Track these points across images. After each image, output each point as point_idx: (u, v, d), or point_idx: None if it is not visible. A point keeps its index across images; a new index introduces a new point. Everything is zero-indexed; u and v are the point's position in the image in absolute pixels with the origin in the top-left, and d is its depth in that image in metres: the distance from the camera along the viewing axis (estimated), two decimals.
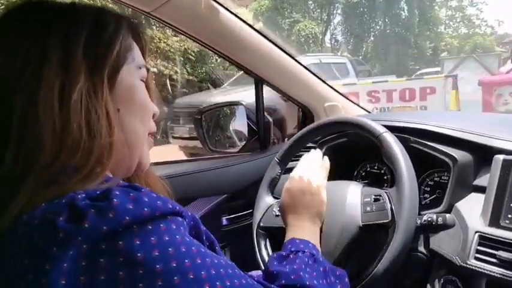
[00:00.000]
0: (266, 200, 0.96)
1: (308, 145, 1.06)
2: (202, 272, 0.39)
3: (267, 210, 0.93)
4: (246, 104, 1.37)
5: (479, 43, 26.49)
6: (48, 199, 0.38)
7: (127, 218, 0.37)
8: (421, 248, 0.84)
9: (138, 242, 0.36)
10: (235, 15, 1.05)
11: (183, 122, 5.48)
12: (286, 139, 1.41)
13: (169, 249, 0.38)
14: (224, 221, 1.22)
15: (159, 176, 0.63)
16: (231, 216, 1.24)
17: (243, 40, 1.10)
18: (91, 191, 0.40)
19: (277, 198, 0.92)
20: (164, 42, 8.61)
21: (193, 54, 9.15)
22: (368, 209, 0.78)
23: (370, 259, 0.73)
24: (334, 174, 0.89)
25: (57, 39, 0.45)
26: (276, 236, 0.85)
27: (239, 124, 1.41)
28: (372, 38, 26.87)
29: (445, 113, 1.30)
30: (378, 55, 26.07)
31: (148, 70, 0.56)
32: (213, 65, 9.94)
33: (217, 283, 0.40)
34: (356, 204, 0.80)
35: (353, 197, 0.81)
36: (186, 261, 0.39)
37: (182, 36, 1.12)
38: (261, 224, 0.93)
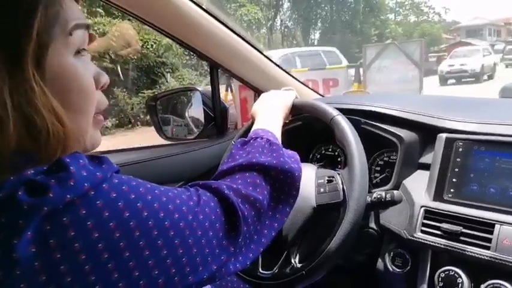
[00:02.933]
0: None
1: None
2: (157, 204, 0.43)
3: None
4: (201, 89, 1.35)
5: (427, 30, 27.60)
6: None
7: (86, 184, 0.38)
8: (372, 224, 0.87)
9: (99, 202, 0.38)
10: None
11: None
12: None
13: (132, 196, 0.41)
14: None
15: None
16: None
17: (197, 24, 1.08)
18: (38, 167, 0.38)
19: None
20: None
21: None
22: (322, 190, 0.81)
23: (324, 238, 0.75)
24: None
25: None
26: None
27: (195, 110, 1.39)
28: (320, 25, 27.17)
29: (395, 95, 1.36)
30: (324, 42, 26.32)
31: (88, 27, 0.47)
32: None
33: (169, 206, 0.44)
34: (310, 186, 0.82)
35: (307, 179, 0.83)
36: (149, 197, 0.42)
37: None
38: None
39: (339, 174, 0.82)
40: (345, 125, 0.80)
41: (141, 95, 9.58)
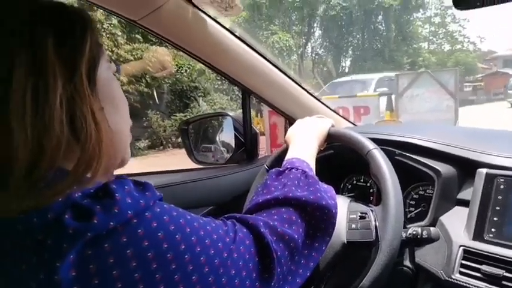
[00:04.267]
0: None
1: None
2: (195, 237, 0.43)
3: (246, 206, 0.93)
4: (233, 115, 1.37)
5: (461, 59, 26.94)
6: (40, 202, 0.38)
7: (129, 212, 0.38)
8: (407, 262, 0.83)
9: (140, 231, 0.38)
10: (223, 26, 1.06)
11: None
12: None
13: (172, 227, 0.41)
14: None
15: None
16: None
17: (231, 51, 1.10)
18: (85, 189, 0.40)
19: None
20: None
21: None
22: (353, 226, 0.78)
23: (354, 275, 0.72)
24: None
25: (22, 40, 0.41)
26: None
27: (226, 135, 1.40)
28: (350, 52, 27.00)
29: (430, 126, 1.31)
30: (355, 69, 25.99)
31: (116, 63, 0.54)
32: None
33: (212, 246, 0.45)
34: (341, 220, 0.79)
35: (339, 212, 0.80)
36: (188, 229, 0.42)
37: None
38: None
39: (372, 210, 0.79)
40: (381, 159, 0.77)
41: (173, 117, 9.86)
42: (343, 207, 0.82)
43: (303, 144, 0.80)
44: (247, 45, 1.13)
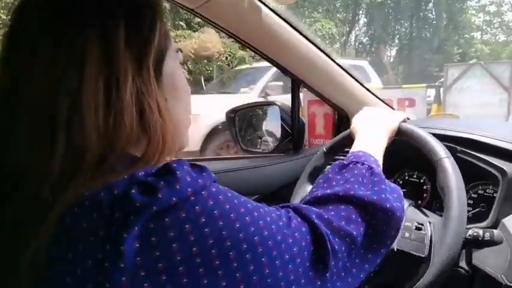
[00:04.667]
0: (306, 188, 0.94)
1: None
2: (249, 217, 0.43)
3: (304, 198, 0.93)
4: (280, 104, 1.36)
5: None
6: (106, 183, 0.40)
7: (189, 189, 0.40)
8: (463, 264, 0.79)
9: (198, 208, 0.40)
10: (277, 14, 1.04)
11: None
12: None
13: (227, 206, 0.42)
14: None
15: None
16: None
17: (284, 40, 1.09)
18: (147, 170, 0.42)
19: None
20: None
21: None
22: (407, 234, 0.75)
23: (399, 281, 0.70)
24: None
25: (94, 33, 0.42)
26: None
27: (273, 124, 1.40)
28: (397, 41, 25.77)
29: (491, 122, 1.24)
30: (402, 59, 25.00)
31: (181, 51, 0.55)
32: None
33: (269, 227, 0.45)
34: None
35: None
36: (242, 210, 0.43)
37: None
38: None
39: (430, 223, 0.76)
40: (452, 171, 0.73)
41: None
42: None
43: (372, 137, 0.75)
44: (301, 33, 1.11)
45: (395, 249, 0.73)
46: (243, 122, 1.48)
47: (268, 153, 1.36)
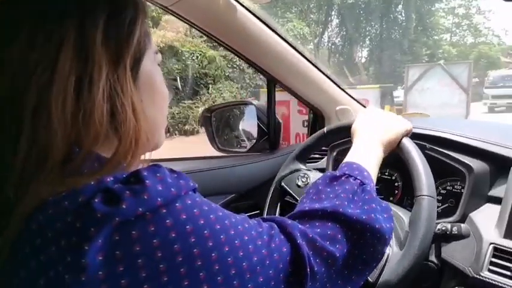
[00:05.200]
0: (297, 164, 0.98)
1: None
2: (224, 236, 0.41)
3: (293, 171, 0.97)
4: (256, 104, 1.36)
5: (484, 53, 25.99)
6: (71, 187, 0.38)
7: (159, 199, 0.37)
8: (432, 258, 0.82)
9: (168, 221, 0.37)
10: (252, 13, 1.05)
11: None
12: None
13: (201, 221, 0.39)
14: None
15: None
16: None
17: (258, 39, 1.10)
18: (118, 174, 0.40)
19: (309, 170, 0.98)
20: None
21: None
22: None
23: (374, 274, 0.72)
24: None
25: (72, 26, 0.41)
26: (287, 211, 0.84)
27: (249, 124, 1.40)
28: (368, 42, 26.01)
29: (461, 120, 1.29)
30: (372, 60, 25.22)
31: (161, 53, 0.54)
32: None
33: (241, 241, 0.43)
34: None
35: None
36: (218, 226, 0.41)
37: None
38: (282, 184, 0.96)
39: (402, 218, 0.78)
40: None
41: (181, 104, 9.86)
42: None
43: (370, 148, 0.71)
44: (276, 33, 1.11)
45: None
46: (219, 122, 1.47)
47: (244, 153, 1.37)
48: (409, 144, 0.77)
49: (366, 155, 0.69)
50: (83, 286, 0.33)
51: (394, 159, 0.80)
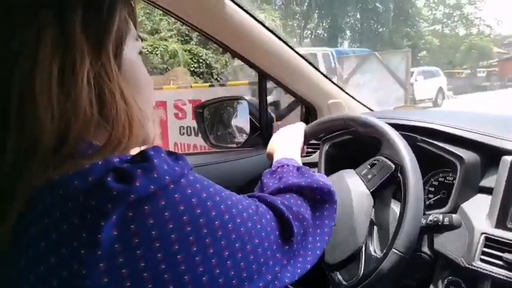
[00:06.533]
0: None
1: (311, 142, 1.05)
2: (223, 205, 0.45)
3: None
4: (248, 99, 1.36)
5: (475, 43, 25.67)
6: (73, 170, 0.39)
7: (167, 177, 0.39)
8: (425, 249, 0.82)
9: (177, 196, 0.40)
10: (242, 8, 1.04)
11: None
12: None
13: (204, 194, 0.42)
14: None
15: None
16: None
17: (249, 33, 1.09)
18: (122, 156, 0.41)
19: None
20: None
21: None
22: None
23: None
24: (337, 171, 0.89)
25: (50, 14, 0.41)
26: None
27: (241, 119, 1.39)
28: (349, 34, 25.51)
29: (452, 112, 1.29)
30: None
31: (142, 40, 0.54)
32: None
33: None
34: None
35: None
36: (218, 198, 0.44)
37: None
38: None
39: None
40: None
41: None
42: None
43: (287, 150, 0.83)
44: (266, 28, 1.11)
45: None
46: (212, 117, 1.47)
47: (237, 148, 1.36)
48: (308, 127, 0.94)
49: (287, 154, 0.80)
50: (99, 259, 0.35)
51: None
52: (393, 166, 0.78)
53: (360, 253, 0.76)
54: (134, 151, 0.49)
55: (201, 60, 11.48)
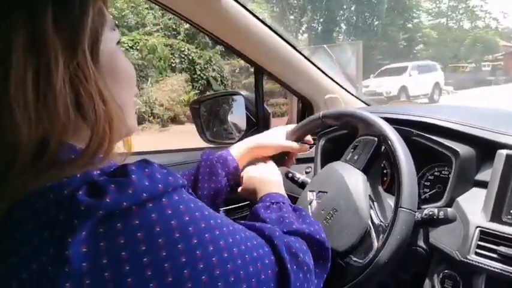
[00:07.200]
0: None
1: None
2: (208, 235, 0.41)
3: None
4: (245, 94, 1.35)
5: (480, 36, 24.97)
6: (56, 178, 0.38)
7: (144, 194, 0.37)
8: (420, 242, 0.83)
9: (154, 216, 0.37)
10: (238, 2, 1.03)
11: None
12: None
13: (186, 218, 0.39)
14: (221, 213, 1.21)
15: None
16: (228, 207, 1.22)
17: (245, 28, 1.08)
18: (105, 167, 0.40)
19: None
20: None
21: None
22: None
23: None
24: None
25: (21, 14, 0.39)
26: None
27: (238, 115, 1.39)
28: (344, 27, 24.58)
29: (448, 106, 1.29)
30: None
31: (118, 27, 0.52)
32: None
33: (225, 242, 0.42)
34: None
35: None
36: (203, 225, 0.40)
37: None
38: None
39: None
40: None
41: None
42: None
43: (272, 185, 0.79)
44: (263, 23, 1.11)
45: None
46: (208, 113, 1.46)
47: (234, 143, 1.36)
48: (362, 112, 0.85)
49: (271, 188, 0.77)
50: (67, 278, 0.33)
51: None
52: (375, 139, 0.79)
53: (367, 229, 0.75)
54: (119, 145, 0.50)
55: (183, 56, 11.15)
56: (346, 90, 1.35)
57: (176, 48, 11.09)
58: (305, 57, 1.22)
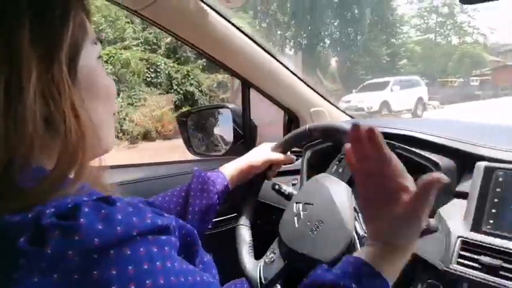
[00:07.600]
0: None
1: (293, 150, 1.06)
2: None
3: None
4: (232, 107, 1.36)
5: (467, 51, 25.11)
6: (15, 209, 0.35)
7: (96, 240, 0.33)
8: None
9: (114, 272, 0.33)
10: (224, 18, 1.05)
11: None
12: None
13: (147, 281, 0.34)
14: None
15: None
16: (215, 220, 1.22)
17: (231, 43, 1.10)
18: (62, 204, 0.36)
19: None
20: None
21: None
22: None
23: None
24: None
25: None
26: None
27: (225, 127, 1.40)
28: (328, 42, 24.33)
29: (430, 120, 1.33)
30: (328, 62, 23.20)
31: (101, 42, 0.51)
32: None
33: None
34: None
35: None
36: (161, 281, 0.35)
37: None
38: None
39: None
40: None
41: None
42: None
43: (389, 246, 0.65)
44: (249, 37, 1.12)
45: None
46: (195, 126, 1.47)
47: (221, 156, 1.36)
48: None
49: (388, 254, 0.63)
50: None
51: None
52: None
53: (352, 240, 0.76)
54: (94, 162, 0.47)
55: (158, 70, 10.87)
56: (331, 103, 1.38)
57: (152, 62, 10.86)
58: (291, 71, 1.24)
